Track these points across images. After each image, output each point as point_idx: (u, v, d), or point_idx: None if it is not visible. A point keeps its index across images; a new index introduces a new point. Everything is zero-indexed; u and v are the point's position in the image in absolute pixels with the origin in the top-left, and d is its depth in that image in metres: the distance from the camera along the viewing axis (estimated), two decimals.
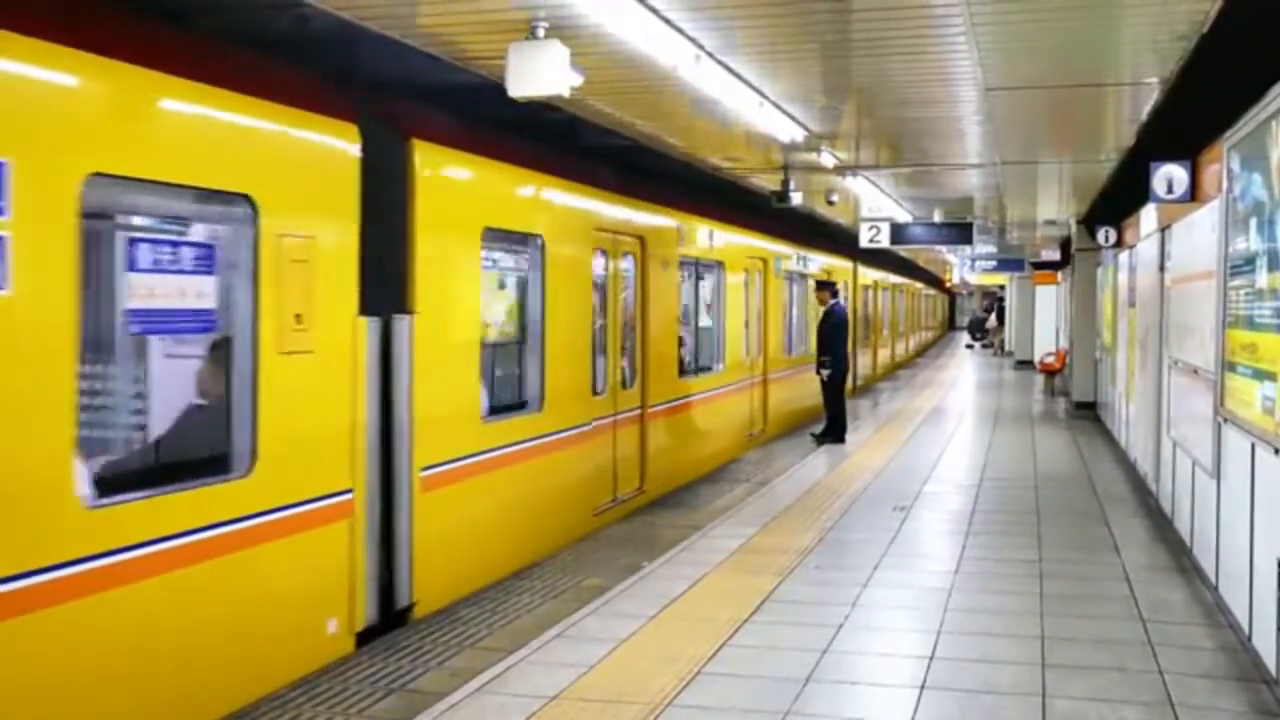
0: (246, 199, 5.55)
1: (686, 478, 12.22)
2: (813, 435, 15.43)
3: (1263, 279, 5.79)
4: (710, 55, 7.08)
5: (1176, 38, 6.60)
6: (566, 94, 6.34)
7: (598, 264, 10.17)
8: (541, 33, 6.18)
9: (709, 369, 13.86)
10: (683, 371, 12.69)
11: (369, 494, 6.50)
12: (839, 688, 5.60)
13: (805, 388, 17.92)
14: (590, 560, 8.61)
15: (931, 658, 6.00)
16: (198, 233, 5.79)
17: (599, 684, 5.53)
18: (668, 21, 6.33)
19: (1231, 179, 6.70)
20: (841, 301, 16.35)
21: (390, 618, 6.73)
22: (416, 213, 7.03)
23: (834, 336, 15.41)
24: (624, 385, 10.69)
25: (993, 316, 47.12)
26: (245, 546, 5.48)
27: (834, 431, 15.15)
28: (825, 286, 15.99)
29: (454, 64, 7.26)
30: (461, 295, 7.66)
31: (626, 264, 10.92)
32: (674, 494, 11.63)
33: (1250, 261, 6.08)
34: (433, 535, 7.05)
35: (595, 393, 9.92)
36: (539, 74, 6.18)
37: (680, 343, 12.67)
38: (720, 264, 14.04)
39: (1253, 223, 6.06)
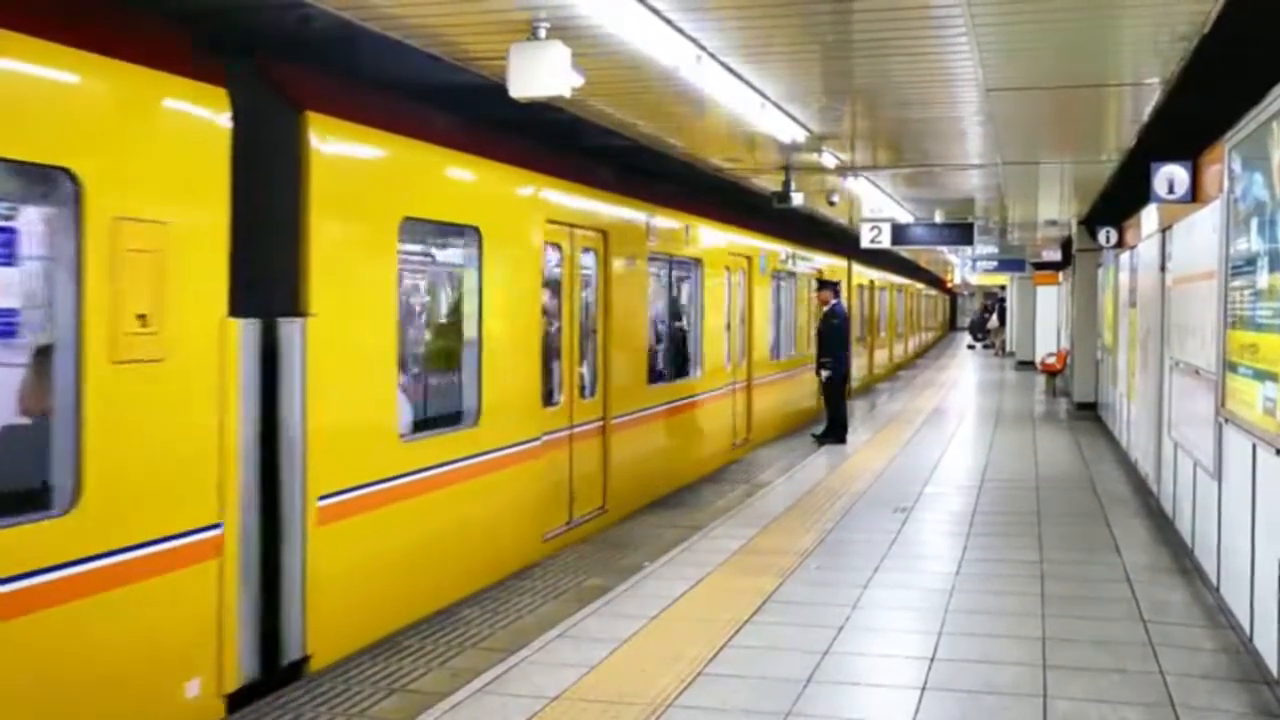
0: (66, 174, 4.59)
1: (656, 494, 11.30)
2: (814, 436, 15.43)
3: (1264, 279, 5.78)
4: (711, 56, 7.09)
5: (1177, 38, 6.60)
6: (568, 95, 6.34)
7: (551, 260, 9.18)
8: (543, 33, 6.19)
9: (684, 375, 12.86)
10: (654, 378, 11.73)
11: (245, 529, 5.49)
12: (840, 689, 5.60)
13: (793, 393, 17.54)
14: (591, 561, 8.62)
15: (932, 659, 6.00)
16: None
17: (600, 684, 5.53)
18: (669, 22, 6.34)
19: (1232, 179, 6.70)
20: (843, 301, 16.33)
21: (278, 673, 5.76)
22: (312, 198, 6.01)
23: (834, 337, 15.41)
24: (583, 394, 9.72)
25: (994, 317, 47.14)
26: (63, 600, 4.51)
27: (835, 432, 15.16)
28: (827, 286, 16.00)
29: (455, 64, 7.26)
30: (373, 295, 6.65)
31: (587, 261, 9.93)
32: (674, 495, 11.63)
33: (1251, 262, 6.07)
34: (334, 574, 6.09)
35: (549, 403, 8.98)
36: (540, 75, 6.19)
37: (652, 347, 11.84)
38: (697, 262, 13.05)
39: (1254, 223, 6.06)
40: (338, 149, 6.35)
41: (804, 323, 18.51)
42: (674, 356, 12.87)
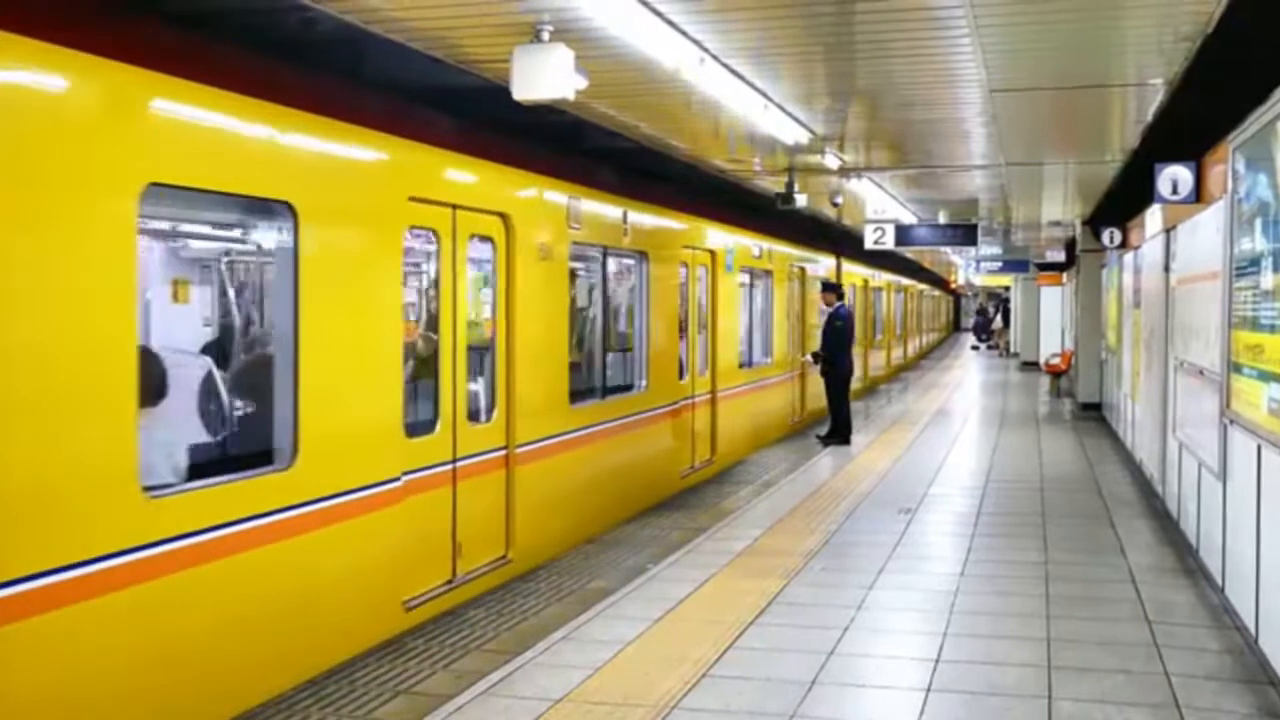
0: None
1: (587, 533, 9.46)
2: (818, 437, 15.45)
3: (1268, 280, 5.78)
4: (714, 58, 7.09)
5: (1181, 39, 6.60)
6: (571, 97, 6.35)
7: (417, 249, 7.57)
8: (546, 36, 6.20)
9: (626, 390, 10.98)
10: (582, 395, 9.85)
11: None
12: (845, 690, 5.60)
13: (770, 403, 16.14)
14: (596, 562, 8.62)
15: (937, 660, 6.00)
16: None
17: (605, 686, 5.54)
18: (672, 24, 6.34)
19: (1236, 180, 6.70)
20: (847, 304, 16.31)
21: None
22: None
23: (838, 338, 15.43)
24: (475, 419, 7.85)
25: (998, 317, 47.18)
26: None
27: (839, 433, 15.17)
28: (830, 289, 16.09)
29: (458, 67, 7.27)
30: (87, 292, 4.67)
31: (480, 252, 8.04)
32: (678, 496, 11.62)
33: (1256, 262, 6.07)
34: (21, 700, 4.31)
35: (422, 431, 7.19)
36: (543, 77, 6.19)
37: (579, 358, 10.13)
38: (642, 255, 11.08)
39: (1258, 223, 6.06)
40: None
41: (781, 325, 16.87)
42: (611, 369, 11.02)
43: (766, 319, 16.40)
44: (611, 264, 11.08)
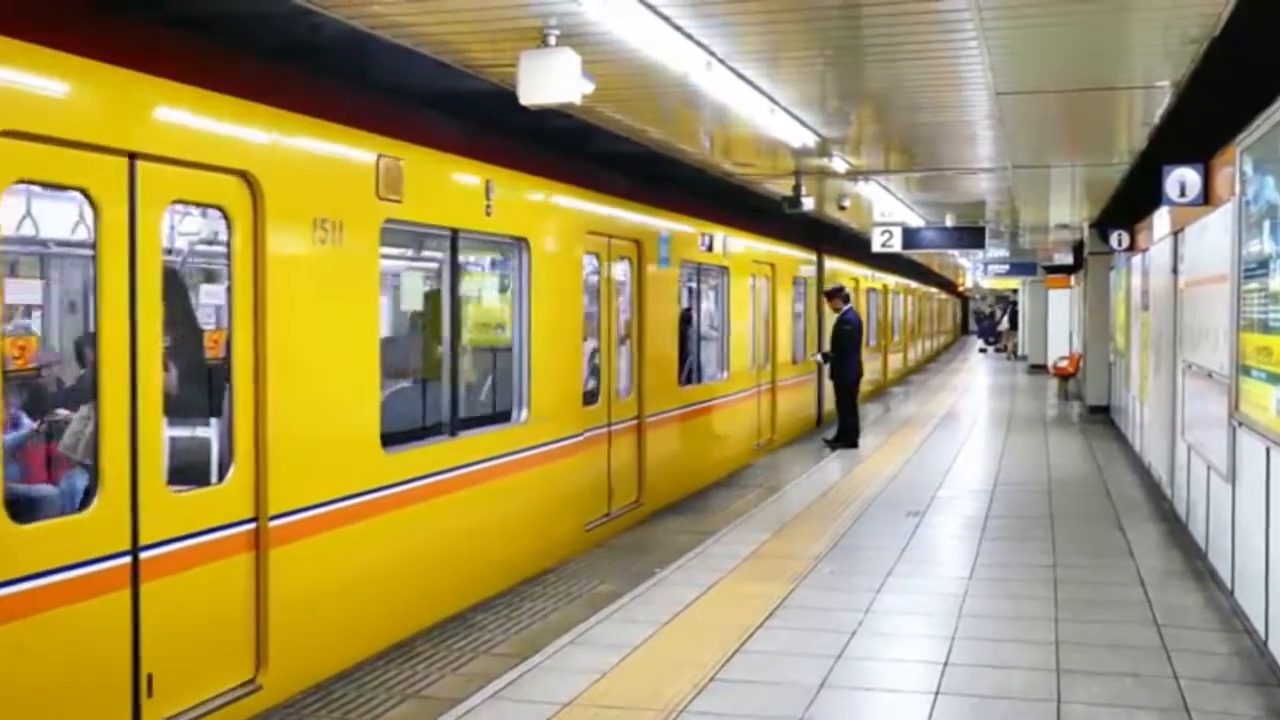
0: None
1: (409, 627, 6.78)
2: (826, 440, 15.44)
3: (1276, 282, 5.77)
4: (721, 62, 7.10)
5: (1188, 41, 6.60)
6: (578, 101, 6.36)
7: (46, 225, 5.40)
8: (553, 40, 6.21)
9: (496, 423, 8.34)
10: (410, 435, 7.29)
11: None
12: (853, 694, 5.60)
13: (726, 426, 13.53)
14: (603, 567, 8.62)
15: (945, 663, 5.99)
16: None
17: (613, 690, 5.54)
18: (679, 29, 6.35)
19: (1244, 182, 6.69)
20: (854, 308, 16.28)
21: None
22: None
23: (846, 342, 15.43)
24: (184, 480, 5.37)
25: (1004, 320, 47.13)
26: None
27: (847, 437, 15.16)
28: (835, 294, 16.00)
29: (464, 71, 7.28)
30: None
31: (208, 229, 5.84)
32: (686, 499, 11.60)
33: (1264, 264, 6.07)
34: None
35: (54, 509, 5.02)
36: (550, 82, 6.21)
37: (410, 382, 7.99)
38: (520, 242, 8.38)
39: (1266, 225, 6.05)
40: None
41: (742, 333, 14.29)
42: (471, 395, 8.63)
43: (722, 326, 13.77)
44: (468, 253, 8.43)
